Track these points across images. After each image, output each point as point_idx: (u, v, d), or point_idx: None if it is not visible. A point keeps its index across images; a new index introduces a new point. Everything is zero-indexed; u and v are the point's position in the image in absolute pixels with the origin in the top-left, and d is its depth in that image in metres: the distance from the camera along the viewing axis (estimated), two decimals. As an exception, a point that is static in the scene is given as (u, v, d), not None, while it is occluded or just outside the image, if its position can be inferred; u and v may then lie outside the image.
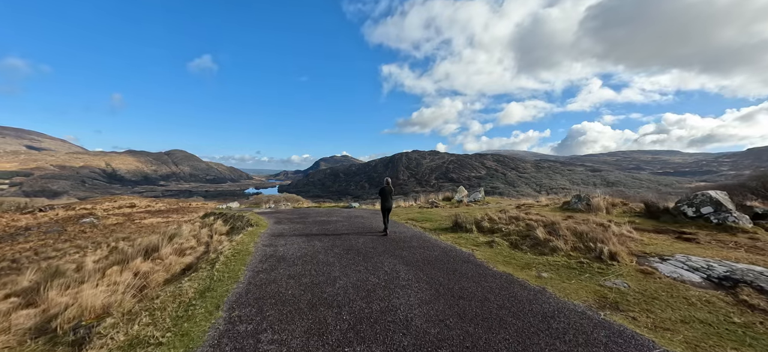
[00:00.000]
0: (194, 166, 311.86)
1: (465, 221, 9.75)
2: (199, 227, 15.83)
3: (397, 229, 10.14)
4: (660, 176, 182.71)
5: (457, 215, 11.37)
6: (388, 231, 9.52)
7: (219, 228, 12.72)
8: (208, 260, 6.80)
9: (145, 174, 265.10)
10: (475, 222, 9.63)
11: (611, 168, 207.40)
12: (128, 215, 43.62)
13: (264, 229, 10.39)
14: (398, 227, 10.62)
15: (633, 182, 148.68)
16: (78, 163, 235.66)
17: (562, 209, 12.40)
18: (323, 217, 13.65)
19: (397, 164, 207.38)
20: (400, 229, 10.16)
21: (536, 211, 12.10)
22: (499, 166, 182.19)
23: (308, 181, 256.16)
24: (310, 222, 12.06)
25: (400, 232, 9.55)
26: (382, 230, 9.71)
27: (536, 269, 5.71)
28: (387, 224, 9.61)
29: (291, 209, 19.07)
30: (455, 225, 9.91)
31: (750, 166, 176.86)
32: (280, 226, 11.14)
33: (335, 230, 10.04)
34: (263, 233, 9.67)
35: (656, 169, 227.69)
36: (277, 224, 11.76)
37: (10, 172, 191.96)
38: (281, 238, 8.74)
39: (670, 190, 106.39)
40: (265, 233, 9.51)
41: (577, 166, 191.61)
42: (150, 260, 10.06)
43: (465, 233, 9.08)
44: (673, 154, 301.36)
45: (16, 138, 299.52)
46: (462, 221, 9.85)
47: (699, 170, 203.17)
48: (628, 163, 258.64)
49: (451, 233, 9.32)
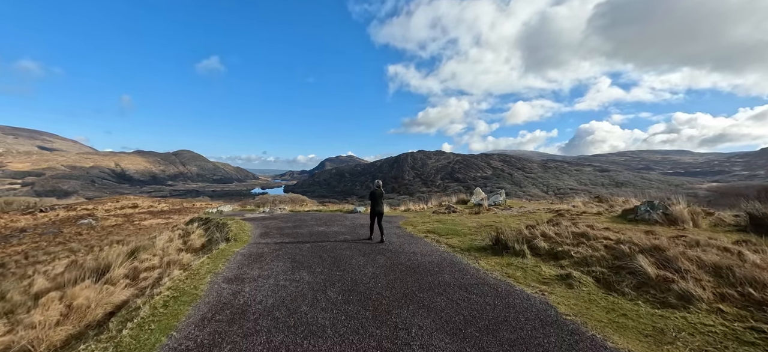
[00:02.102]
0: (201, 167, 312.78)
1: (509, 238, 7.18)
2: (178, 237, 13.58)
3: (415, 247, 7.60)
4: (670, 176, 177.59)
5: (492, 227, 8.84)
6: (385, 239, 8.48)
7: (194, 241, 10.36)
8: (135, 306, 4.37)
9: (153, 174, 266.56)
10: (524, 239, 7.05)
11: (620, 168, 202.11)
12: (129, 216, 42.06)
13: (241, 246, 7.94)
14: (416, 243, 8.07)
15: (643, 183, 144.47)
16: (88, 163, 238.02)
17: (626, 219, 9.73)
18: (322, 227, 11.17)
19: (403, 164, 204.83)
20: (420, 247, 7.62)
21: (588, 220, 9.48)
22: (505, 167, 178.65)
23: (314, 181, 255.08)
24: (304, 234, 9.59)
25: (422, 253, 7.02)
26: (378, 239, 8.59)
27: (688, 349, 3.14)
28: (381, 230, 8.61)
29: (288, 214, 16.66)
30: (496, 243, 7.34)
31: (764, 167, 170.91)
32: (265, 240, 8.67)
33: (334, 248, 7.54)
34: (238, 252, 7.23)
35: (666, 169, 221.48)
36: (262, 237, 9.30)
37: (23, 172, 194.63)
38: (257, 264, 6.27)
39: (682, 191, 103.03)
40: (239, 254, 7.06)
41: (585, 167, 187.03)
42: (101, 282, 7.87)
43: (515, 256, 6.51)
44: (683, 153, 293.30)
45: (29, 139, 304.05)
46: (504, 236, 7.29)
47: (711, 170, 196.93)
48: (637, 163, 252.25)
49: (494, 256, 6.75)
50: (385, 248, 7.47)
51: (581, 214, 11.50)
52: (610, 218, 10.07)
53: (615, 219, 9.93)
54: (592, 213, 11.35)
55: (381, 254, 6.91)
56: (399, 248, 7.52)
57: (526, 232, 7.60)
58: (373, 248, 7.49)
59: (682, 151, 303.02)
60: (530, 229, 8.44)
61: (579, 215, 11.17)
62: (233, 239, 8.88)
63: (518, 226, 10.03)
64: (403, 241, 8.39)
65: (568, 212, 13.04)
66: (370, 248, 7.58)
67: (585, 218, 10.35)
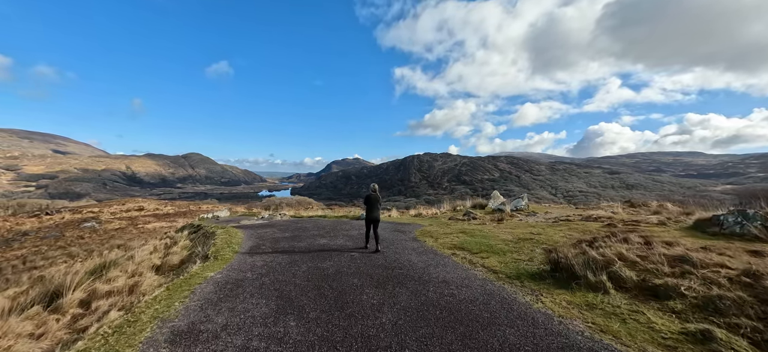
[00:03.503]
0: (210, 169, 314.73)
1: (572, 260, 5.28)
2: (164, 247, 11.98)
3: (445, 272, 5.73)
4: (682, 178, 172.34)
5: (532, 240, 6.96)
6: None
7: (172, 257, 8.65)
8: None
9: (162, 176, 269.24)
10: (596, 264, 5.14)
11: (630, 170, 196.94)
12: (133, 218, 41.04)
13: (219, 268, 6.14)
14: (444, 265, 6.19)
15: (654, 185, 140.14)
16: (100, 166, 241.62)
17: (704, 232, 7.73)
18: (324, 238, 9.34)
19: (409, 167, 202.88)
20: (451, 272, 5.74)
21: (655, 233, 7.55)
22: (512, 169, 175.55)
23: (320, 183, 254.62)
24: (302, 249, 7.77)
25: (456, 283, 5.15)
26: (373, 249, 7.75)
27: None
28: (377, 238, 7.82)
29: (288, 221, 14.91)
30: (556, 268, 5.44)
31: None
32: (252, 259, 6.87)
33: (338, 273, 5.69)
34: (211, 278, 5.45)
35: (678, 171, 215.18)
36: (251, 253, 7.50)
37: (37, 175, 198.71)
38: (229, 301, 4.44)
39: (694, 193, 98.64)
40: (211, 281, 5.27)
41: (594, 169, 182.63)
42: (50, 309, 6.41)
43: (591, 290, 4.61)
44: (696, 155, 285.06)
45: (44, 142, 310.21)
46: (564, 258, 5.38)
47: (724, 172, 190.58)
48: (647, 165, 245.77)
49: (559, 288, 4.85)
50: (405, 275, 5.60)
51: (635, 223, 9.51)
52: (681, 231, 8.07)
53: (688, 232, 7.93)
54: (651, 224, 9.33)
55: (401, 285, 5.05)
56: (423, 273, 5.66)
57: (594, 252, 5.68)
58: (389, 275, 5.62)
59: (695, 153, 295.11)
60: (591, 246, 6.53)
61: (635, 226, 9.18)
62: (213, 256, 7.11)
63: (564, 239, 8.13)
64: (426, 261, 6.52)
65: (620, 221, 11.03)
66: (384, 273, 5.72)
67: (647, 230, 8.37)
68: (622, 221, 11.30)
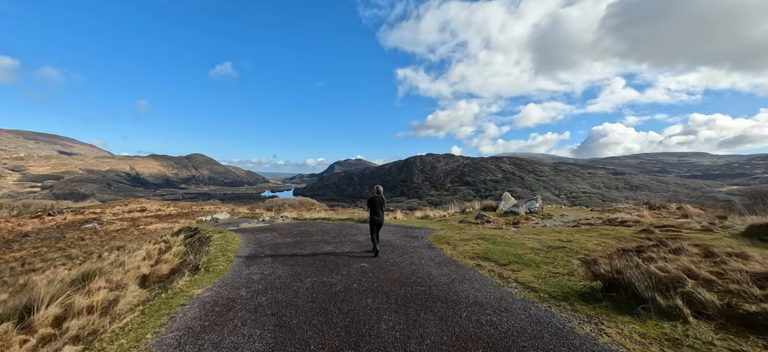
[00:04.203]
0: (213, 170, 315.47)
1: (624, 275, 4.37)
2: (158, 252, 11.18)
3: (475, 290, 4.82)
4: (687, 179, 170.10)
5: (564, 249, 6.07)
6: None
7: (161, 267, 7.82)
8: None
9: (166, 177, 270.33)
10: (662, 284, 4.23)
11: (635, 171, 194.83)
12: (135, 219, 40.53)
13: (209, 283, 5.27)
14: (471, 280, 5.29)
15: (659, 186, 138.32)
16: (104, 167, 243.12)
17: (758, 239, 6.78)
18: (329, 245, 8.45)
19: (411, 168, 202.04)
20: (482, 290, 4.84)
21: (703, 241, 6.61)
22: (515, 170, 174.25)
23: (323, 184, 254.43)
24: (306, 258, 6.89)
25: (492, 306, 4.24)
26: (373, 254, 7.40)
27: None
28: (376, 242, 7.52)
29: (290, 224, 14.05)
30: (610, 287, 4.53)
31: None
32: (248, 271, 5.99)
33: (347, 291, 4.79)
34: (197, 298, 4.58)
35: (683, 172, 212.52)
36: (247, 264, 6.62)
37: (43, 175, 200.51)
38: (213, 333, 3.54)
39: (700, 194, 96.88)
40: (196, 303, 4.39)
41: (598, 169, 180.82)
42: (20, 327, 5.61)
43: (665, 318, 3.69)
44: (701, 155, 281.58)
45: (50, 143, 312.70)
46: (622, 275, 4.47)
47: (730, 173, 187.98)
48: (652, 166, 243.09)
49: (621, 314, 3.93)
50: (427, 294, 4.70)
51: (674, 229, 8.55)
52: (735, 239, 7.11)
53: (743, 240, 6.97)
54: (694, 229, 8.37)
55: (425, 308, 4.15)
56: (449, 291, 4.76)
57: (650, 265, 4.75)
58: (408, 294, 4.71)
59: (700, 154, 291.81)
60: (640, 257, 5.60)
61: (676, 232, 8.23)
62: (205, 267, 6.24)
63: (599, 247, 7.20)
64: (448, 275, 5.61)
65: (650, 225, 10.07)
66: (403, 291, 4.82)
67: (692, 237, 7.42)
68: (651, 225, 10.34)
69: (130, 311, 4.54)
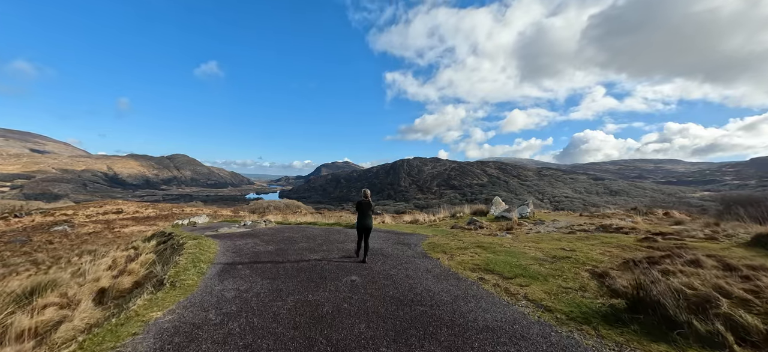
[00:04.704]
0: (196, 171, 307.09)
1: (650, 292, 3.87)
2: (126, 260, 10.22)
3: (483, 311, 4.22)
4: (663, 185, 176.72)
5: (568, 259, 5.60)
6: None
7: (122, 280, 6.93)
8: None
9: (146, 178, 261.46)
10: (683, 299, 3.74)
11: (614, 177, 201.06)
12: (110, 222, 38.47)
13: (172, 303, 4.46)
14: (476, 297, 4.69)
15: (637, 191, 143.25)
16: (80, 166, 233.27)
17: (766, 249, 6.47)
18: (315, 254, 7.71)
19: (399, 171, 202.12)
20: (490, 310, 4.24)
21: (709, 250, 6.26)
22: (501, 174, 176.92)
23: (309, 186, 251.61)
24: (289, 271, 6.14)
25: (507, 331, 3.64)
26: (360, 260, 7.16)
27: None
28: (366, 248, 7.17)
29: (273, 229, 13.19)
30: (634, 306, 4.01)
31: (754, 176, 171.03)
32: (220, 288, 5.20)
33: (336, 306, 4.11)
34: (156, 323, 3.81)
35: (659, 178, 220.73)
36: (221, 278, 5.80)
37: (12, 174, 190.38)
38: None
39: (675, 199, 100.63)
40: (155, 329, 3.63)
41: (580, 175, 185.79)
42: None
43: (701, 345, 3.20)
44: (675, 163, 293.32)
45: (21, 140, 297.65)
46: (648, 292, 3.96)
47: (702, 180, 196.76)
48: (630, 172, 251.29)
49: (649, 337, 3.39)
50: (430, 316, 4.07)
51: (676, 237, 8.22)
52: (743, 248, 6.79)
53: (753, 250, 6.65)
54: (698, 238, 8.06)
55: (429, 336, 3.50)
56: (454, 313, 4.14)
57: (680, 284, 4.26)
58: (407, 316, 4.07)
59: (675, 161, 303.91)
60: (654, 268, 5.14)
61: (679, 241, 7.89)
62: (171, 282, 5.41)
63: (606, 257, 6.76)
64: (450, 291, 5.00)
65: (647, 232, 9.76)
66: (401, 313, 4.16)
67: (698, 246, 7.08)
68: (648, 232, 10.06)
69: (69, 340, 3.72)
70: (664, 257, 5.98)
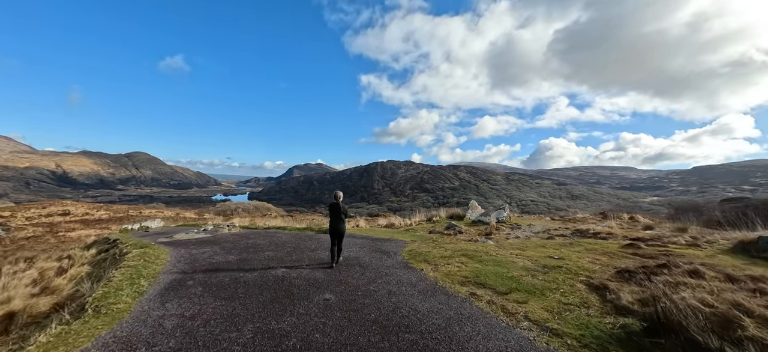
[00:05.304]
0: (157, 170, 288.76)
1: (682, 315, 3.40)
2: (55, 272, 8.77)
3: (472, 335, 3.54)
4: (618, 190, 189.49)
5: (560, 268, 5.16)
6: (338, 264, 6.84)
7: (38, 302, 5.64)
8: None
9: (101, 177, 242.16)
10: (702, 318, 3.30)
11: (575, 182, 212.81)
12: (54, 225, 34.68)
13: (95, 336, 3.45)
14: (470, 319, 4.03)
15: (595, 196, 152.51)
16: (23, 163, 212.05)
17: (749, 257, 6.37)
18: (283, 266, 6.77)
19: (372, 174, 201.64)
20: (490, 340, 3.58)
21: (690, 257, 6.08)
22: (472, 178, 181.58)
23: (281, 188, 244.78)
24: (252, 284, 5.18)
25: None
26: (332, 264, 6.84)
27: None
28: (339, 253, 7.01)
29: (237, 235, 11.97)
30: (653, 327, 3.50)
31: (696, 183, 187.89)
32: (163, 310, 4.17)
33: (305, 338, 3.27)
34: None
35: (615, 184, 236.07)
36: (162, 300, 4.72)
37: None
38: None
39: (629, 203, 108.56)
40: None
41: (545, 180, 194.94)
42: None
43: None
44: (629, 170, 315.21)
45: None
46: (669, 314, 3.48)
47: (652, 186, 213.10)
48: (589, 178, 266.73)
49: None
50: (421, 348, 3.35)
51: (660, 244, 8.09)
52: (727, 255, 6.67)
53: (737, 256, 6.54)
54: (680, 244, 7.95)
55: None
56: (452, 344, 3.43)
57: (694, 301, 3.84)
58: (395, 347, 3.34)
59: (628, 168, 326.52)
60: (658, 282, 4.74)
61: (663, 247, 7.74)
62: (94, 307, 4.31)
63: (596, 266, 6.39)
64: (441, 311, 4.30)
65: (624, 237, 9.67)
66: (386, 343, 3.39)
67: (683, 253, 6.91)
68: (625, 237, 10.01)
69: None
70: (659, 267, 5.66)
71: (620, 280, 5.46)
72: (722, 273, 5.10)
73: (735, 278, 4.86)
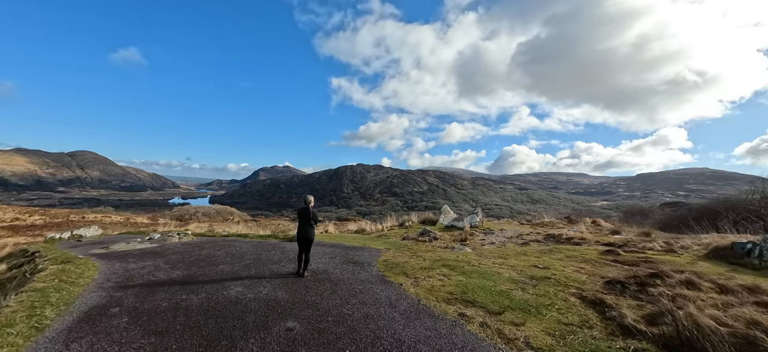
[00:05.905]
0: (106, 171, 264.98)
1: (701, 336, 2.98)
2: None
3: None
4: (573, 195, 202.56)
5: (549, 280, 4.73)
6: (307, 274, 6.35)
7: None
8: None
9: (38, 178, 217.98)
10: (732, 345, 2.90)
11: (535, 187, 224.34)
12: (-29, 232, 29.97)
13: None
14: (459, 347, 3.40)
15: (553, 200, 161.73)
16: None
17: (727, 263, 6.34)
18: (239, 282, 5.77)
19: (342, 177, 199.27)
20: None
21: (670, 264, 5.94)
22: (440, 183, 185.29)
23: (245, 191, 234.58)
24: (195, 309, 4.19)
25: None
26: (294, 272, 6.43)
27: None
28: (306, 261, 6.45)
29: (188, 244, 10.57)
30: None
31: (639, 189, 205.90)
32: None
33: None
34: None
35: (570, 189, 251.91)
36: (76, 333, 3.60)
37: None
38: None
39: (583, 207, 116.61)
40: None
41: (508, 185, 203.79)
42: None
43: None
44: (582, 176, 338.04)
45: None
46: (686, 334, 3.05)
47: (602, 191, 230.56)
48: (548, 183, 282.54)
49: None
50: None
51: (639, 250, 8.01)
52: (706, 261, 6.61)
53: (714, 263, 6.49)
54: (656, 251, 7.90)
55: None
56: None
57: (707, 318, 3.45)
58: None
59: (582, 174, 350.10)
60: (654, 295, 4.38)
61: (642, 253, 7.63)
62: None
63: (583, 276, 6.04)
64: (429, 340, 3.60)
65: (596, 242, 9.60)
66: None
67: (665, 260, 6.78)
68: (599, 242, 9.97)
69: None
70: (650, 277, 5.37)
71: (614, 292, 5.09)
72: (715, 283, 4.87)
73: (729, 288, 4.62)
